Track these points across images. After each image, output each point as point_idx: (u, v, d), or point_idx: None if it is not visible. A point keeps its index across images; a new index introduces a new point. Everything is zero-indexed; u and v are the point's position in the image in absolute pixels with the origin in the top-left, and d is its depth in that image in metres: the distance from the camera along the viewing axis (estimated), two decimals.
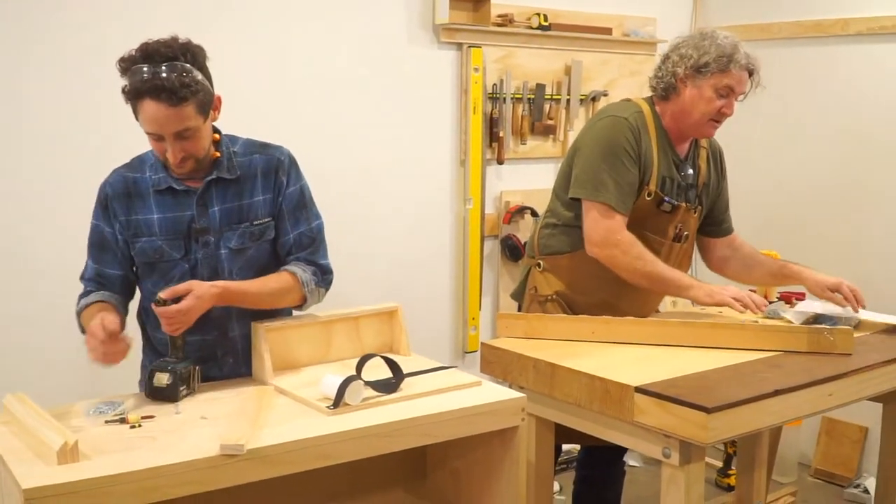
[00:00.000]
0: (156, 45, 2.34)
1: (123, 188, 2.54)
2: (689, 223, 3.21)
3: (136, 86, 2.30)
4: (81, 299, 2.56)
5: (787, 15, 4.90)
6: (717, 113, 3.05)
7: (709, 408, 2.31)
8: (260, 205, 2.59)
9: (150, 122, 2.34)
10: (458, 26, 4.27)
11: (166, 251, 2.53)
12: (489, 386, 2.49)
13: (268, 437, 2.06)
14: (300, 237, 2.64)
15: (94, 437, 2.08)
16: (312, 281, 2.62)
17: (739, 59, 3.02)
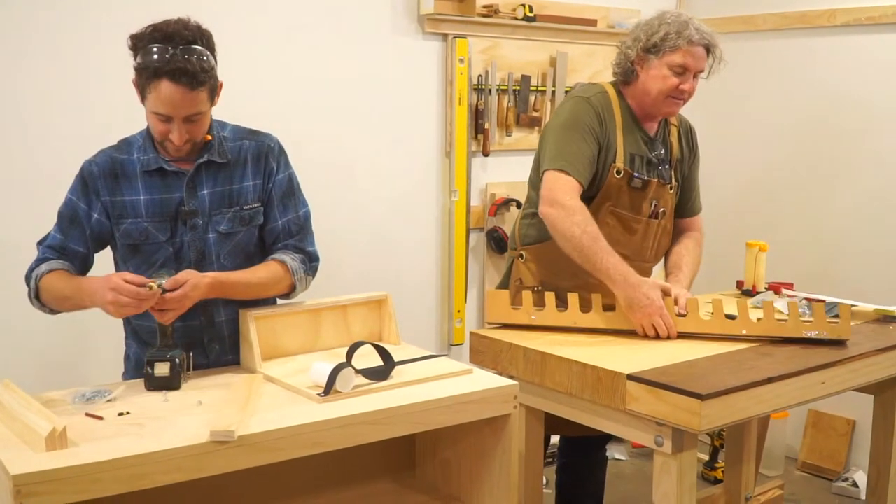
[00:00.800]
0: (175, 27, 2.34)
1: (110, 168, 2.51)
2: (666, 199, 3.21)
3: (156, 65, 2.29)
4: (41, 264, 2.50)
5: (771, 6, 4.91)
6: (675, 90, 3.06)
7: (702, 395, 2.29)
8: (249, 190, 2.58)
9: (163, 102, 2.33)
10: (443, 17, 4.25)
11: (152, 233, 2.50)
12: (480, 374, 2.47)
13: (258, 425, 2.03)
14: (288, 224, 2.64)
15: (81, 424, 2.05)
16: (301, 269, 2.61)
17: (689, 35, 3.02)
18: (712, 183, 5.23)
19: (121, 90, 3.38)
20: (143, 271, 2.43)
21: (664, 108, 3.11)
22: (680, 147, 3.28)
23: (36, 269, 2.49)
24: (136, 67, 2.33)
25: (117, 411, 2.13)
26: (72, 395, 2.24)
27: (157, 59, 2.29)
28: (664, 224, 3.24)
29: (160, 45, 2.30)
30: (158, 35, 2.32)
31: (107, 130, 2.81)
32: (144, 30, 2.35)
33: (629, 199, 3.11)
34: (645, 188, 3.12)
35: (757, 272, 3.53)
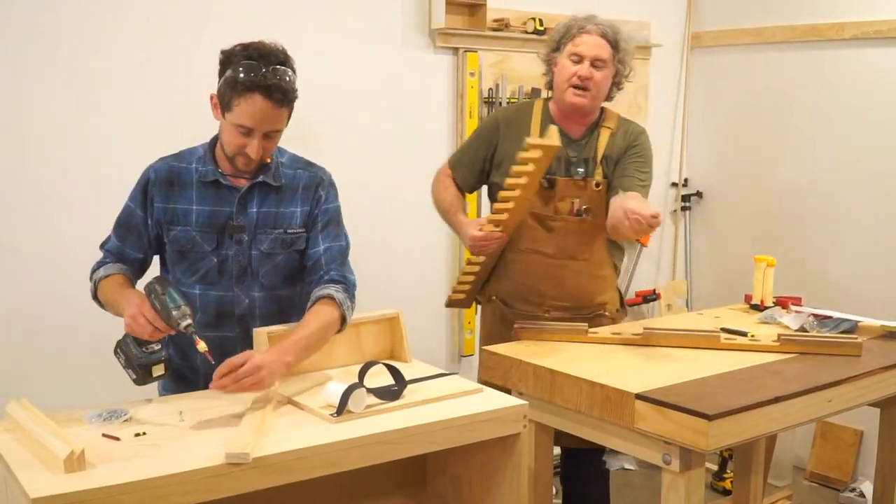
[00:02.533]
0: (269, 47, 2.48)
1: (167, 175, 2.61)
2: (590, 197, 3.24)
3: (253, 80, 2.41)
4: (101, 267, 2.62)
5: (781, 19, 4.92)
6: (573, 78, 3.17)
7: (710, 415, 2.32)
8: (296, 215, 2.67)
9: (251, 116, 2.44)
10: (453, 31, 4.28)
11: (198, 242, 2.59)
12: (490, 392, 2.50)
13: (273, 445, 2.06)
14: (330, 250, 2.69)
15: (98, 445, 2.08)
16: (347, 299, 2.61)
17: (583, 25, 3.19)
18: (722, 197, 5.28)
19: (164, 98, 3.49)
20: (188, 278, 2.62)
21: (568, 100, 3.20)
22: (612, 146, 3.28)
23: (95, 273, 2.62)
24: (226, 81, 2.45)
25: (134, 431, 2.17)
26: (87, 414, 2.27)
27: (251, 74, 2.41)
28: (592, 222, 3.25)
29: (254, 61, 2.42)
30: (254, 52, 2.45)
31: (138, 138, 2.86)
32: (235, 47, 2.48)
33: (542, 199, 3.22)
34: (553, 187, 3.21)
35: (765, 287, 3.55)
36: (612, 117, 3.33)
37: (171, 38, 3.60)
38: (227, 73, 2.46)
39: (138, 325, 2.31)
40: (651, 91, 5.20)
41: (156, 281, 2.36)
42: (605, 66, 3.19)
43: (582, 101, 3.19)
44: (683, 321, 3.43)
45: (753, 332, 3.09)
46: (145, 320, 2.30)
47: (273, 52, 2.47)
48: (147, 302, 2.33)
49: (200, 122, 3.47)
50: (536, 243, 3.22)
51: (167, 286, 2.33)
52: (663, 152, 5.38)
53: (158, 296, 2.31)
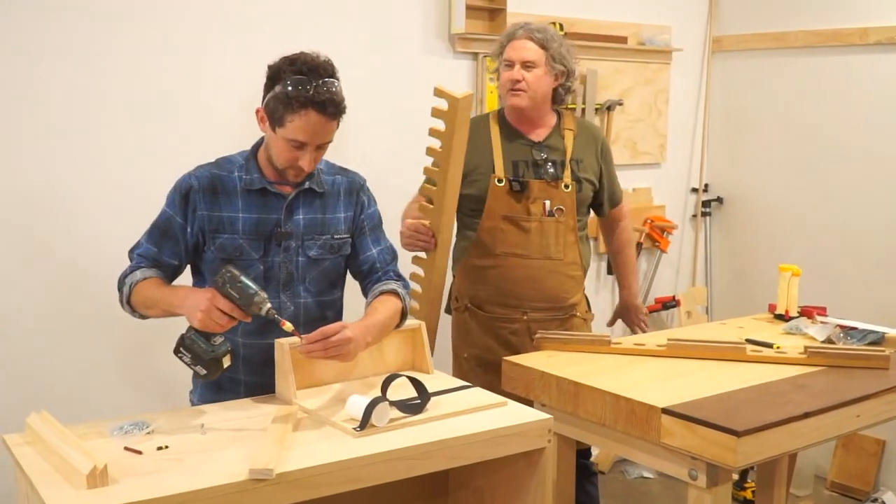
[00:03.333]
0: (317, 61, 2.49)
1: (210, 184, 2.59)
2: (562, 198, 3.34)
3: (305, 95, 2.42)
4: (136, 271, 2.57)
5: (803, 24, 4.87)
6: (506, 83, 3.31)
7: (739, 431, 2.29)
8: (341, 221, 2.72)
9: (304, 131, 2.46)
10: (473, 36, 4.25)
11: (246, 250, 2.59)
12: (514, 406, 2.47)
13: (296, 461, 2.04)
14: (382, 252, 2.80)
15: (120, 459, 2.06)
16: (406, 295, 2.75)
17: (512, 33, 3.33)
18: (742, 203, 5.24)
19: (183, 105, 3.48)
20: None
21: (508, 102, 3.34)
22: (578, 149, 3.40)
23: (130, 276, 2.56)
24: (276, 96, 2.45)
25: (156, 445, 2.15)
26: (110, 426, 2.25)
27: (303, 90, 2.42)
28: (566, 222, 3.33)
29: (305, 76, 2.43)
30: (303, 67, 2.45)
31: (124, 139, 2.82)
32: (282, 62, 2.49)
33: (515, 203, 3.31)
34: (525, 189, 3.29)
35: (790, 297, 3.52)
36: (570, 119, 3.47)
37: (191, 45, 3.58)
38: (276, 89, 2.46)
39: (213, 318, 2.29)
40: (671, 95, 5.15)
41: (226, 271, 2.31)
42: (535, 67, 3.28)
43: (518, 100, 3.31)
44: (707, 332, 3.40)
45: (779, 344, 3.06)
46: (220, 313, 2.29)
47: (321, 66, 2.48)
48: (217, 294, 2.30)
49: (211, 123, 3.58)
50: (513, 246, 3.30)
51: (240, 274, 2.30)
52: (683, 157, 5.34)
53: (234, 285, 2.29)
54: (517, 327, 3.34)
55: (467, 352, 3.42)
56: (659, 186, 5.22)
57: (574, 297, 3.43)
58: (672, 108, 5.18)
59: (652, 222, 5.10)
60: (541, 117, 3.39)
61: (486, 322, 3.39)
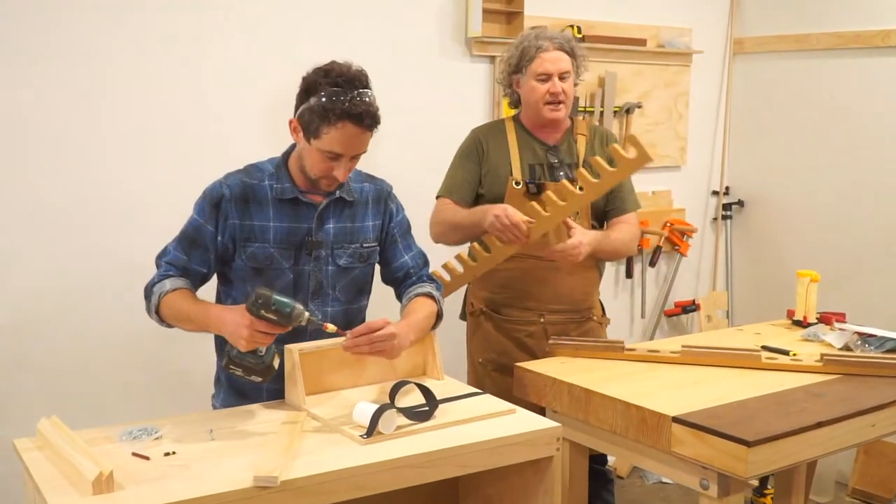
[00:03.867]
0: (352, 72, 2.49)
1: (241, 192, 2.59)
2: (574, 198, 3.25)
3: (342, 108, 2.42)
4: (165, 280, 2.55)
5: (825, 26, 4.82)
6: (546, 96, 3.26)
7: (750, 441, 2.27)
8: (370, 229, 2.74)
9: (341, 142, 2.47)
10: (490, 39, 4.24)
11: (276, 259, 2.59)
12: (523, 413, 2.46)
13: (301, 468, 2.04)
14: (415, 258, 2.84)
15: (127, 465, 2.07)
16: (440, 298, 2.78)
17: (540, 44, 3.26)
18: (764, 207, 5.20)
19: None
20: None
21: (547, 116, 3.30)
22: (591, 153, 3.35)
23: (158, 285, 2.54)
24: (312, 108, 2.45)
25: (164, 451, 2.15)
26: (119, 432, 2.26)
27: (340, 102, 2.42)
28: (579, 224, 3.26)
29: (340, 88, 2.43)
30: (338, 79, 2.45)
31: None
32: (316, 74, 2.48)
33: (530, 204, 3.20)
34: (540, 191, 3.23)
35: (808, 303, 3.48)
36: (582, 125, 3.44)
37: (205, 49, 3.59)
38: (311, 101, 2.46)
39: (256, 340, 2.29)
40: (692, 98, 5.12)
41: (257, 297, 2.25)
42: (570, 76, 3.30)
43: (559, 114, 3.30)
44: (723, 338, 3.36)
45: (795, 351, 3.03)
46: (262, 335, 2.28)
47: (357, 77, 2.48)
48: (253, 318, 2.26)
49: (208, 126, 3.59)
50: (528, 247, 3.24)
51: (271, 294, 2.26)
52: (704, 160, 5.30)
53: (269, 308, 2.25)
54: (534, 330, 3.32)
55: (482, 356, 3.41)
56: (679, 189, 5.18)
57: (590, 299, 3.41)
58: (692, 110, 5.15)
59: (672, 226, 5.07)
60: (563, 124, 3.39)
61: (503, 325, 3.37)
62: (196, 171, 3.45)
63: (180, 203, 2.75)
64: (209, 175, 2.60)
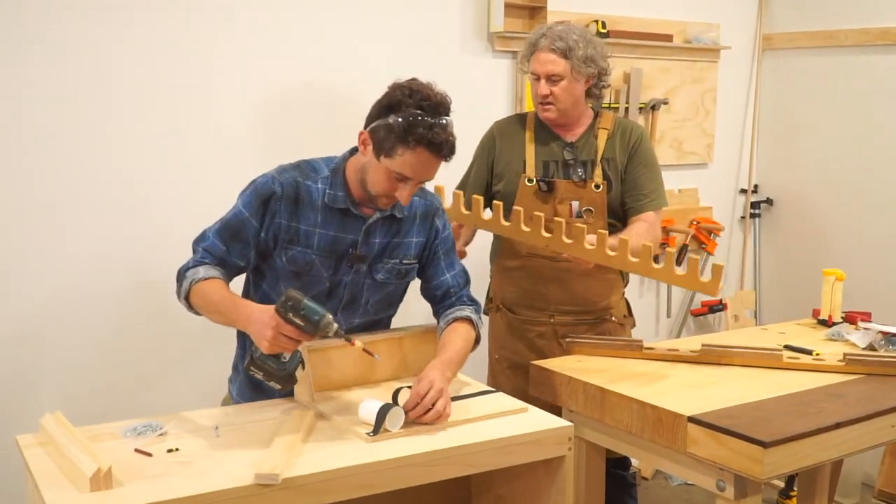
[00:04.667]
0: (439, 97, 2.41)
1: (293, 192, 2.51)
2: (591, 198, 3.22)
3: (422, 134, 2.34)
4: (199, 266, 2.46)
5: (853, 22, 4.74)
6: (536, 97, 3.24)
7: (766, 442, 2.22)
8: (413, 246, 2.65)
9: (413, 167, 2.38)
10: (513, 34, 4.19)
11: (316, 266, 2.53)
12: (535, 412, 2.42)
13: (305, 466, 2.01)
14: (456, 276, 2.73)
15: (129, 461, 2.05)
16: (478, 320, 2.69)
17: (537, 43, 3.20)
18: (793, 205, 5.13)
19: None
20: None
21: (540, 115, 3.27)
22: (611, 148, 3.27)
23: (192, 270, 2.46)
24: (390, 127, 2.36)
25: (167, 447, 2.13)
26: (123, 428, 2.24)
27: (422, 128, 2.34)
28: (595, 223, 3.19)
29: (424, 112, 2.36)
30: (424, 103, 2.37)
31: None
32: (400, 92, 2.40)
33: (542, 203, 3.21)
34: (551, 189, 3.20)
35: (833, 302, 3.42)
36: (607, 118, 3.33)
37: (216, 39, 3.56)
38: (390, 118, 2.37)
39: (279, 344, 2.20)
40: (719, 94, 5.05)
41: (288, 299, 2.17)
42: (560, 79, 3.17)
43: (549, 115, 3.24)
44: (746, 337, 3.31)
45: (818, 351, 2.97)
46: (287, 339, 2.19)
47: (441, 103, 2.40)
48: (280, 320, 2.18)
49: (210, 122, 3.55)
50: (538, 247, 3.15)
51: (302, 299, 2.17)
52: (732, 157, 5.23)
53: (298, 312, 2.17)
54: (544, 330, 3.27)
55: (498, 353, 3.37)
56: (706, 187, 5.11)
57: (607, 299, 3.32)
58: (720, 107, 5.07)
59: (698, 224, 4.99)
60: (576, 119, 3.30)
61: (515, 324, 3.33)
62: (199, 173, 3.48)
63: (182, 204, 2.72)
64: (211, 176, 2.56)
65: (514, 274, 3.31)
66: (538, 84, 3.20)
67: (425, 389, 2.28)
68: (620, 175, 3.25)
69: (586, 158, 3.26)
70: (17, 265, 3.23)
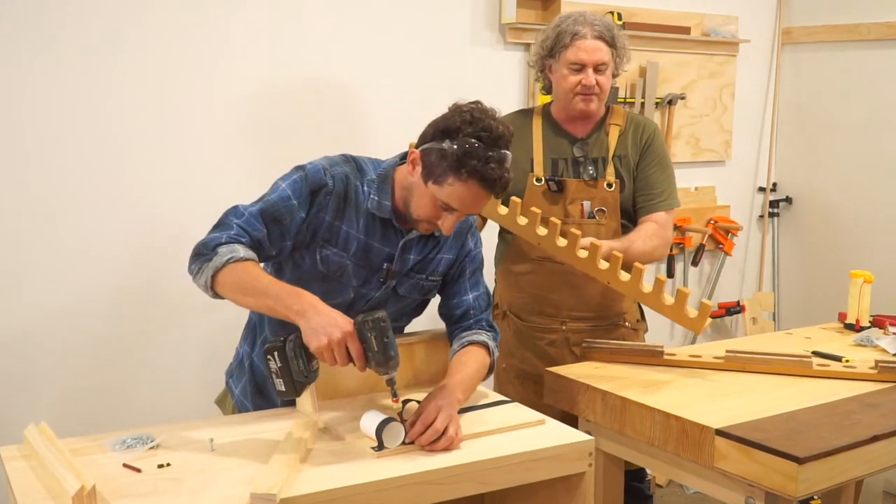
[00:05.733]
0: (500, 131, 2.22)
1: (344, 189, 2.34)
2: (603, 197, 3.07)
3: (476, 167, 2.17)
4: (235, 244, 2.20)
5: (876, 15, 4.61)
6: (578, 87, 3.03)
7: (800, 458, 2.07)
8: (442, 262, 2.48)
9: (462, 199, 2.22)
10: (525, 26, 4.05)
11: (348, 273, 2.37)
12: (553, 424, 2.27)
13: (305, 484, 1.87)
14: (478, 299, 2.55)
15: (116, 477, 1.92)
16: (495, 347, 2.52)
17: (578, 30, 3.02)
18: (813, 203, 4.99)
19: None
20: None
21: (577, 107, 3.07)
22: (623, 145, 3.12)
23: (228, 247, 2.18)
24: (444, 153, 2.19)
25: (158, 462, 1.99)
26: (112, 440, 2.10)
27: (477, 159, 2.17)
28: (608, 224, 3.06)
29: (483, 144, 2.18)
30: (484, 134, 2.19)
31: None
32: (461, 117, 2.22)
33: (552, 203, 3.06)
34: (561, 189, 3.05)
35: (861, 305, 3.27)
36: (619, 114, 3.18)
37: (225, 34, 3.45)
38: (444, 143, 2.19)
39: (334, 354, 2.01)
40: (738, 89, 4.90)
41: (381, 319, 2.02)
42: (606, 68, 3.05)
43: (592, 106, 3.06)
44: (771, 342, 3.16)
45: (848, 357, 2.82)
46: (344, 353, 2.02)
47: (503, 137, 2.21)
48: (355, 336, 2.03)
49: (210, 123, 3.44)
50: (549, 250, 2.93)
51: (390, 327, 2.03)
52: (750, 154, 5.08)
53: (381, 339, 2.02)
54: (555, 338, 3.09)
55: (505, 362, 3.19)
56: (723, 185, 4.96)
57: (621, 304, 3.16)
58: (738, 102, 4.92)
59: (715, 223, 4.85)
60: (596, 115, 3.15)
61: (524, 332, 3.15)
62: (202, 174, 3.36)
63: (184, 204, 2.59)
64: (214, 178, 2.44)
65: (523, 279, 3.13)
66: (580, 74, 3.01)
67: (433, 416, 2.10)
68: (632, 173, 3.10)
69: (597, 156, 3.09)
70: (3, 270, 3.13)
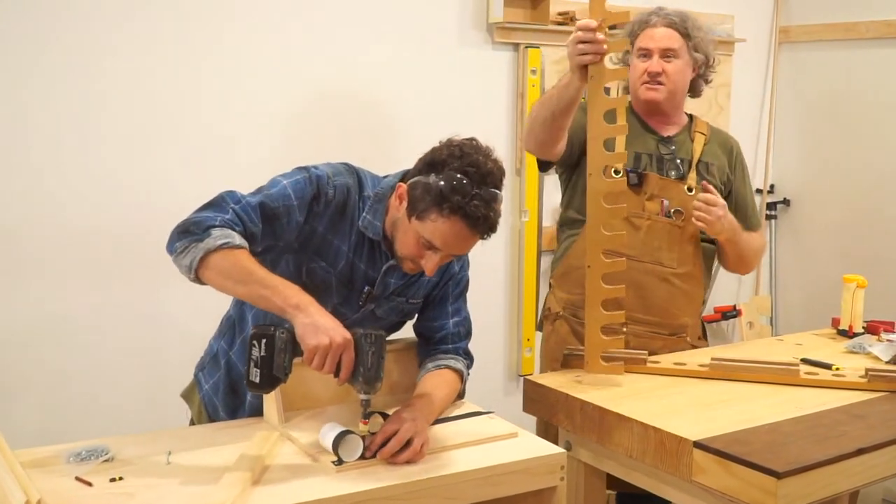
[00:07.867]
0: (489, 167, 2.10)
1: (343, 202, 2.23)
2: (682, 199, 2.97)
3: (460, 203, 2.05)
4: (229, 229, 2.07)
5: (874, 14, 4.56)
6: (644, 75, 3.00)
7: (780, 472, 1.99)
8: (423, 285, 2.38)
9: (444, 238, 2.10)
10: (513, 25, 3.99)
11: (331, 290, 2.27)
12: (526, 437, 2.20)
13: (260, 500, 1.80)
14: (458, 325, 2.45)
15: (66, 491, 1.84)
16: (468, 374, 2.45)
17: (648, 19, 3.04)
18: (811, 205, 4.93)
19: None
20: None
21: (643, 96, 3.03)
22: (709, 154, 3.08)
23: (222, 231, 2.05)
24: (427, 187, 2.09)
25: (110, 476, 1.92)
26: (67, 452, 2.03)
27: (462, 195, 2.05)
28: (685, 227, 2.95)
29: (468, 179, 2.06)
30: (471, 170, 2.07)
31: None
32: (449, 150, 2.12)
33: (631, 198, 2.94)
34: (641, 182, 2.97)
35: (854, 311, 3.19)
36: (702, 124, 3.15)
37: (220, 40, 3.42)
38: (430, 178, 2.08)
39: (329, 358, 1.94)
40: (734, 89, 4.84)
41: (381, 337, 1.98)
42: (676, 57, 2.98)
43: (655, 94, 3.00)
44: (760, 349, 3.09)
45: (838, 365, 2.74)
46: (333, 360, 1.94)
47: (490, 174, 2.09)
48: (352, 347, 1.96)
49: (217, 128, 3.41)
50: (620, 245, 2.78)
51: (385, 348, 1.99)
52: (747, 156, 4.87)
53: (377, 357, 1.97)
54: None
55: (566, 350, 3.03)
56: None
57: (685, 316, 3.03)
58: (734, 102, 4.87)
59: None
60: (675, 113, 3.08)
61: (579, 330, 2.93)
62: (203, 177, 3.30)
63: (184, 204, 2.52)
64: (216, 179, 2.39)
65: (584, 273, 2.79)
66: (646, 61, 2.98)
67: (396, 426, 2.02)
68: (720, 184, 3.03)
69: (682, 157, 3.03)
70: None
